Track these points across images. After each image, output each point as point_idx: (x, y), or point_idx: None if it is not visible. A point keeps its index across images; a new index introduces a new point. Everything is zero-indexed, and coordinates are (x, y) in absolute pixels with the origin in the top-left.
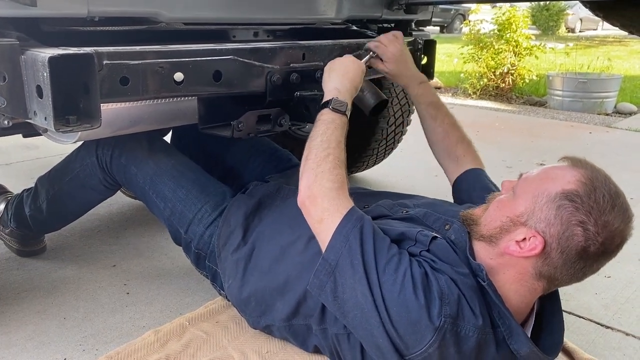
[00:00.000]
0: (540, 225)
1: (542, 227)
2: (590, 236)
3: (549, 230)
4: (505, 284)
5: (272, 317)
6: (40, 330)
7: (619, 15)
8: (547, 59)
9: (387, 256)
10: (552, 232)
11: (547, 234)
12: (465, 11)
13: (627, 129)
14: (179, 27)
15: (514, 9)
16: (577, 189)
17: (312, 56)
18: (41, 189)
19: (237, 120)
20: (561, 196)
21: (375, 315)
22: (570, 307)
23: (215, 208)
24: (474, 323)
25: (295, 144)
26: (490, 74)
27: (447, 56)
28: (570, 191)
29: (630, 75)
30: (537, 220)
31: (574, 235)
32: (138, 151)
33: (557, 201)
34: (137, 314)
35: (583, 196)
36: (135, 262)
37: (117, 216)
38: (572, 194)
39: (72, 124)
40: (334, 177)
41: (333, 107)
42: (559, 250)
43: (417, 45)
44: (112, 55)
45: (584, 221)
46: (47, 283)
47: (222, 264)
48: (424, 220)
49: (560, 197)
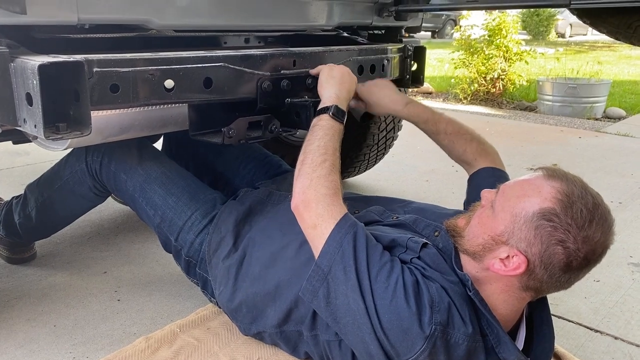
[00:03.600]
0: (521, 245)
1: (524, 246)
2: (572, 253)
3: (531, 250)
4: (493, 294)
5: (263, 324)
6: (30, 338)
7: (605, 22)
8: (537, 64)
9: (380, 263)
10: (534, 251)
11: (528, 253)
12: (457, 17)
13: (616, 134)
14: (169, 34)
15: (504, 14)
16: (553, 207)
17: (303, 63)
18: (30, 196)
19: (227, 126)
20: (538, 216)
21: (366, 322)
22: (559, 311)
23: (206, 215)
24: (464, 331)
25: (286, 150)
26: (480, 79)
27: (438, 61)
28: (547, 210)
29: (619, 80)
30: (518, 239)
31: (555, 253)
32: (128, 158)
33: (534, 221)
34: (128, 321)
35: (560, 214)
36: (126, 269)
37: (107, 223)
38: (549, 212)
39: (62, 131)
40: (329, 183)
41: (333, 113)
42: (542, 267)
43: (407, 52)
44: (102, 62)
45: (563, 239)
46: (37, 290)
47: (212, 271)
48: (414, 227)
49: (538, 217)
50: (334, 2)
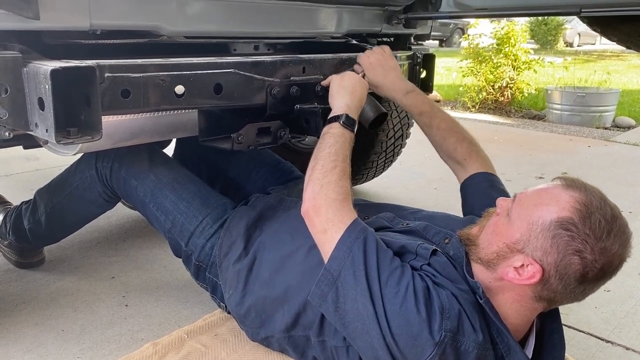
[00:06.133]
0: (537, 254)
1: (539, 255)
2: (588, 263)
3: (546, 259)
4: (505, 304)
5: (271, 328)
6: (39, 342)
7: (616, 30)
8: (545, 73)
9: (390, 268)
10: (549, 260)
11: (544, 262)
12: (464, 25)
13: (626, 143)
14: (180, 40)
15: (513, 23)
16: (571, 216)
17: (313, 70)
18: (40, 202)
19: (237, 132)
20: (556, 225)
21: (376, 327)
22: (570, 321)
23: (217, 220)
24: (474, 339)
25: (295, 157)
26: (489, 88)
27: (446, 70)
28: (565, 219)
29: (629, 90)
30: (534, 248)
31: (572, 263)
32: (138, 164)
33: (552, 230)
34: (136, 326)
35: (578, 224)
36: (134, 274)
37: (116, 228)
38: (567, 222)
39: (73, 136)
40: (340, 188)
41: (344, 122)
42: (558, 277)
43: (416, 59)
44: (113, 67)
45: (580, 250)
46: (45, 295)
47: (223, 275)
48: (424, 234)
49: (555, 226)
50: (343, 10)
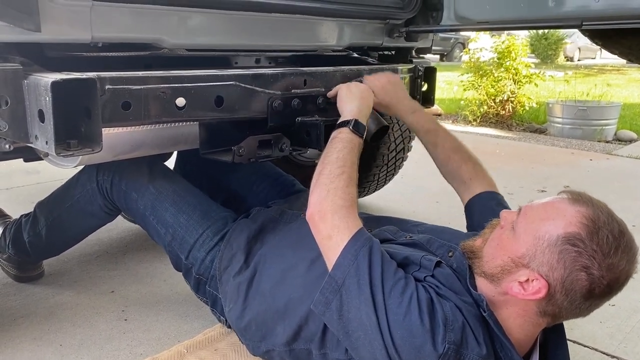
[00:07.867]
0: (543, 269)
1: (545, 270)
2: (595, 280)
3: (552, 275)
4: (509, 318)
5: (272, 342)
6: (37, 357)
7: (617, 43)
8: (546, 86)
9: (394, 279)
10: (556, 276)
11: (550, 278)
12: (465, 40)
13: (628, 156)
14: (181, 53)
15: (513, 37)
16: (579, 232)
17: (314, 82)
18: (40, 215)
19: (238, 145)
20: (563, 240)
21: (378, 338)
22: (574, 336)
23: (217, 233)
24: (477, 352)
25: (296, 170)
26: (490, 101)
27: (447, 84)
28: (571, 234)
29: (630, 103)
30: (540, 263)
31: (579, 279)
32: (139, 177)
33: (559, 245)
34: (135, 341)
35: (585, 239)
36: (133, 288)
37: (116, 241)
38: (574, 237)
39: (74, 148)
40: (347, 195)
41: (353, 127)
42: (564, 293)
43: (418, 72)
44: (114, 80)
45: (587, 266)
46: (44, 309)
47: (223, 288)
48: (428, 246)
49: (562, 241)
50: (344, 23)
